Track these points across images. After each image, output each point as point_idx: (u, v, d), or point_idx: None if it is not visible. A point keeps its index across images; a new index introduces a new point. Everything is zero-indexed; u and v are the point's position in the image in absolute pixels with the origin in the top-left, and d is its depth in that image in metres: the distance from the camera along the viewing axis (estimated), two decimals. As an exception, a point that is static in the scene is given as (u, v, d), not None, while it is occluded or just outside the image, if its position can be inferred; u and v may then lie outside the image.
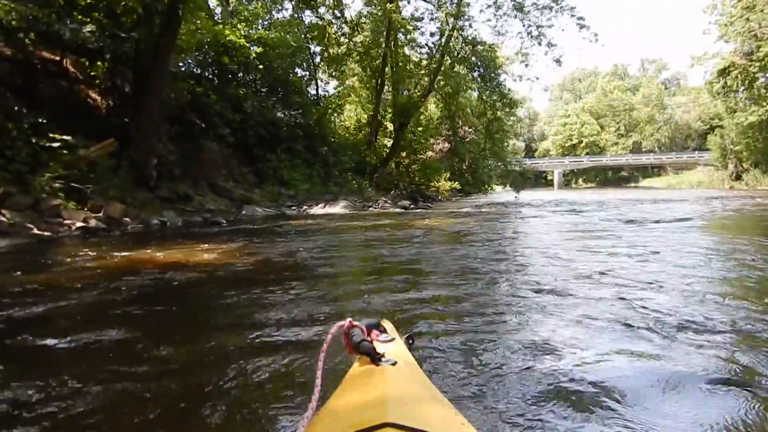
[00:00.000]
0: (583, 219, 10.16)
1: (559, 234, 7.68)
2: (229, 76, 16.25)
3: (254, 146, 15.37)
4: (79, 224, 8.46)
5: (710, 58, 32.61)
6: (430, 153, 25.12)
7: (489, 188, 24.83)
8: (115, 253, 5.55)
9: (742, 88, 28.99)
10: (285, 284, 3.76)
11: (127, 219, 9.49)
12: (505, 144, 24.07)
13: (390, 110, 21.93)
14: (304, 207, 14.05)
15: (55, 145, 9.70)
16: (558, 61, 20.18)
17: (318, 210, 13.75)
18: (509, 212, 13.27)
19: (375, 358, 0.92)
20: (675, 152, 58.80)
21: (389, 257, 5.41)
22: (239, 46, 14.90)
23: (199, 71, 15.42)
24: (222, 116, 14.02)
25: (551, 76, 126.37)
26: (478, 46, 20.64)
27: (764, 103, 29.18)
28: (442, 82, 21.88)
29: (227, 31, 14.73)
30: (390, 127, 22.58)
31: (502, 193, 29.15)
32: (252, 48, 15.73)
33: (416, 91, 21.83)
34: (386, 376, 0.86)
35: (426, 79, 21.41)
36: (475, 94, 23.29)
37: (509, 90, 21.52)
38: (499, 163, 23.52)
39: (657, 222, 8.52)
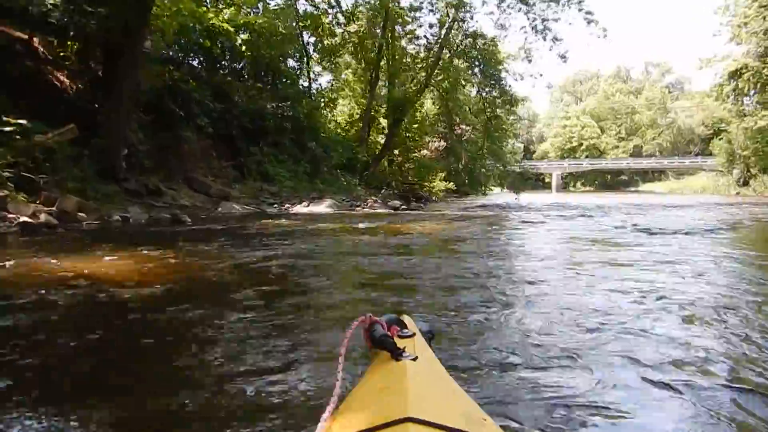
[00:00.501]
0: (594, 225, 9.21)
1: (573, 243, 6.63)
2: (216, 64, 15.28)
3: (237, 138, 14.38)
4: (24, 219, 7.48)
5: (720, 61, 31.74)
6: (425, 151, 24.06)
7: (486, 189, 23.62)
8: (39, 258, 4.56)
9: (753, 91, 28.03)
10: (245, 302, 3.03)
11: (82, 214, 8.51)
12: (504, 143, 22.84)
13: (384, 105, 20.84)
14: (287, 205, 13.08)
15: (8, 129, 8.75)
16: (563, 57, 19.26)
17: (301, 209, 12.78)
18: (509, 216, 12.33)
19: (395, 353, 0.92)
20: (678, 157, 58.02)
21: (372, 270, 4.45)
22: (224, 31, 13.88)
23: (181, 56, 14.40)
24: (202, 105, 13.03)
25: (552, 76, 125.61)
26: (479, 40, 19.59)
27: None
28: (439, 77, 20.82)
29: (211, 14, 13.70)
30: (384, 123, 21.54)
31: (500, 195, 28.13)
32: (240, 34, 14.67)
33: (412, 85, 20.78)
34: (407, 371, 0.85)
35: (423, 73, 20.37)
36: (474, 91, 22.23)
37: (510, 86, 20.54)
38: (498, 164, 22.27)
39: (679, 232, 7.55)
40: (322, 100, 21.89)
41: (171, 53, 12.52)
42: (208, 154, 13.92)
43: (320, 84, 22.19)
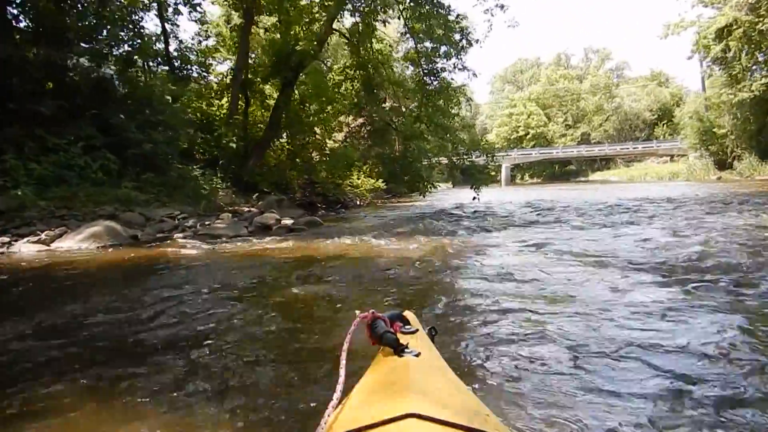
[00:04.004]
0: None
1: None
2: None
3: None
4: None
5: (690, 25, 27.04)
6: (340, 134, 17.22)
7: (428, 187, 16.44)
8: None
9: (744, 53, 23.08)
10: None
11: None
12: (452, 111, 15.34)
13: (268, 63, 13.37)
14: (6, 238, 6.06)
15: None
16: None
17: (26, 248, 5.80)
18: (470, 243, 5.94)
19: (398, 349, 0.91)
20: (632, 142, 54.71)
21: None
22: None
23: None
24: None
25: (491, 66, 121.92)
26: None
27: (760, 77, 23.73)
28: (348, 15, 13.84)
29: None
30: (272, 92, 14.41)
31: (449, 193, 21.42)
32: None
33: (307, 29, 13.56)
34: (409, 367, 0.85)
35: (324, 12, 13.35)
36: (401, 27, 14.85)
37: (458, 15, 13.42)
38: (446, 146, 14.70)
39: None
40: (188, 68, 14.72)
41: None
42: None
43: (179, 41, 14.86)
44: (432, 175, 17.52)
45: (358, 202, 16.08)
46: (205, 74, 15.50)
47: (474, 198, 14.08)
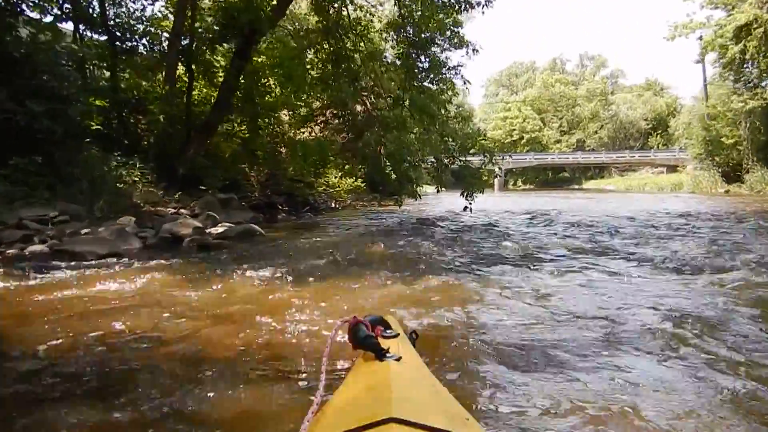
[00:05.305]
0: None
1: None
2: None
3: None
4: None
5: (699, 27, 25.07)
6: (313, 125, 14.66)
7: (416, 190, 13.76)
8: None
9: (762, 56, 21.08)
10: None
11: None
12: (443, 97, 11.80)
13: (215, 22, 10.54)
14: None
15: None
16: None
17: None
18: (477, 301, 3.61)
19: (379, 353, 0.90)
20: (628, 151, 53.16)
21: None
22: None
23: None
24: None
25: (485, 70, 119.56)
26: None
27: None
28: None
29: None
30: (220, 61, 11.66)
31: (437, 199, 18.85)
32: None
33: None
34: (390, 371, 0.83)
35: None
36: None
37: None
38: (434, 143, 11.85)
39: None
40: (133, 40, 12.09)
41: None
42: None
43: (118, 4, 12.27)
44: (421, 175, 15.04)
45: (333, 205, 13.63)
46: (152, 47, 12.91)
47: (465, 208, 11.57)
